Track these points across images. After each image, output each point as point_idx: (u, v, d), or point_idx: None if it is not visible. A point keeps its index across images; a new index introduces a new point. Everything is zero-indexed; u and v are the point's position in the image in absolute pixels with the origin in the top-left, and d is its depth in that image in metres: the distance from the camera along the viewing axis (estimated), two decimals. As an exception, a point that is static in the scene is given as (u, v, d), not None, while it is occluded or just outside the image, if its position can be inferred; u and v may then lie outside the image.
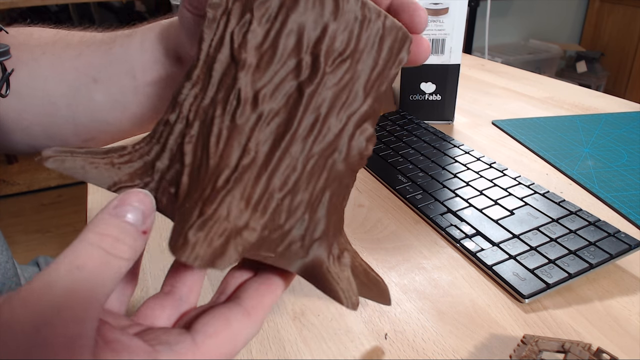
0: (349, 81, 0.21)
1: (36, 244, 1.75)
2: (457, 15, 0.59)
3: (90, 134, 0.39)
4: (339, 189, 0.23)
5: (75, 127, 0.38)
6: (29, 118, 0.38)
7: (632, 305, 0.33)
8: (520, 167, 0.53)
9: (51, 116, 0.38)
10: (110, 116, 0.38)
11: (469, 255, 0.38)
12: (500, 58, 2.57)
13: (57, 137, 0.39)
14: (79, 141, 0.40)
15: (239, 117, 0.21)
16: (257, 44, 0.21)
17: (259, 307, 0.22)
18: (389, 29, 0.22)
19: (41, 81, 0.37)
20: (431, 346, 0.30)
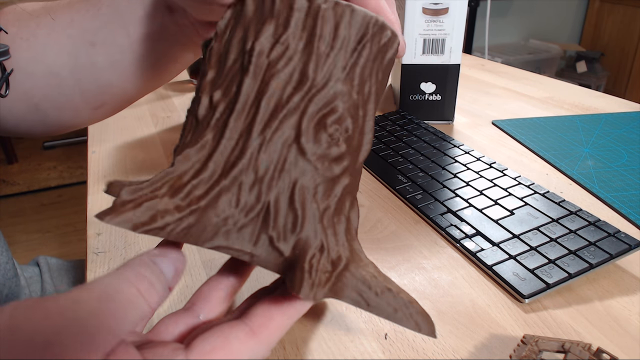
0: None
1: (36, 244, 1.75)
2: (457, 15, 0.59)
3: (98, 100, 0.39)
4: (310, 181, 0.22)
5: (83, 94, 0.39)
6: (38, 94, 0.38)
7: (632, 305, 0.33)
8: (520, 167, 0.53)
9: (58, 87, 0.38)
10: (113, 78, 0.38)
11: (469, 255, 0.38)
12: (500, 58, 2.57)
13: (67, 109, 0.39)
14: (89, 109, 0.40)
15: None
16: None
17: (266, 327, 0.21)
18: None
19: (42, 54, 0.37)
20: (431, 346, 0.30)
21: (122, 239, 0.42)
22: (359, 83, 0.24)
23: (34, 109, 0.39)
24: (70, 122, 0.41)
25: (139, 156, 0.58)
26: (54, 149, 2.56)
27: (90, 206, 0.47)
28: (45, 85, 0.38)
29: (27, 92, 0.37)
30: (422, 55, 0.61)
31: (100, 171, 0.54)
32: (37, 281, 0.51)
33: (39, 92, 0.38)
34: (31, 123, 0.40)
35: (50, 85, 0.38)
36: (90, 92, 0.38)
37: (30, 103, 0.38)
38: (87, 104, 0.39)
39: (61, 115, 0.40)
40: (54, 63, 0.37)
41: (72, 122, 0.41)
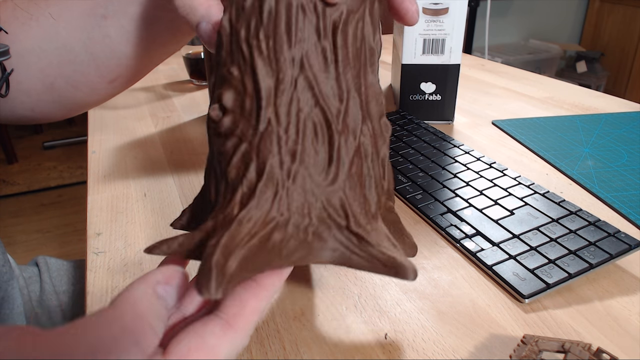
0: None
1: (36, 244, 1.75)
2: (457, 15, 0.59)
3: (113, 73, 0.40)
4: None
5: (97, 68, 0.39)
6: (52, 72, 0.38)
7: (632, 305, 0.33)
8: (520, 167, 0.53)
9: (72, 64, 0.38)
10: (127, 49, 0.38)
11: (469, 255, 0.38)
12: (500, 58, 2.57)
13: (82, 85, 0.40)
14: (105, 83, 0.40)
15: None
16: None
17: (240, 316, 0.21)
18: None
19: (55, 32, 0.37)
20: (431, 346, 0.30)
21: (122, 239, 0.42)
22: None
23: (50, 88, 0.39)
24: (86, 99, 0.41)
25: (139, 156, 0.58)
26: (54, 149, 2.56)
27: (90, 206, 0.47)
28: (60, 62, 0.38)
29: (42, 70, 0.38)
30: (422, 55, 0.61)
31: (100, 171, 0.54)
32: (36, 281, 0.51)
33: (53, 71, 0.38)
34: (47, 104, 0.40)
35: (64, 61, 0.38)
36: (105, 65, 0.39)
37: (46, 82, 0.38)
38: (102, 77, 0.39)
39: (76, 92, 0.40)
40: (67, 39, 0.37)
41: (88, 100, 0.41)
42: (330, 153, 0.23)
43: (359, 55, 0.25)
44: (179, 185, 0.51)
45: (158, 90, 0.82)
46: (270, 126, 0.23)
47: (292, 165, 0.23)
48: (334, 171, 0.23)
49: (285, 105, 0.23)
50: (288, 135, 0.23)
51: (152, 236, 0.42)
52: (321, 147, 0.23)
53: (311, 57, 0.23)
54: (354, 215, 0.24)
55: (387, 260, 0.23)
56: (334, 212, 0.23)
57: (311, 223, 0.23)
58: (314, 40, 0.23)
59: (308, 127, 0.23)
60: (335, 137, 0.23)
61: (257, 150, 0.23)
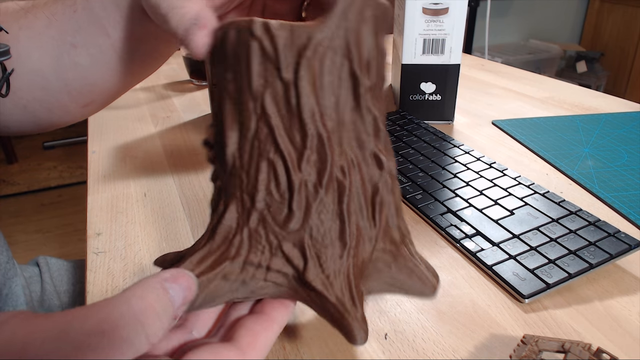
0: None
1: (36, 244, 1.75)
2: (457, 15, 0.59)
3: (86, 98, 0.39)
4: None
5: (70, 94, 0.38)
6: (25, 95, 0.38)
7: (632, 305, 0.33)
8: (520, 167, 0.53)
9: (44, 89, 0.38)
10: (98, 77, 0.38)
11: (469, 255, 0.38)
12: (500, 58, 2.57)
13: (55, 109, 0.39)
14: (79, 107, 0.40)
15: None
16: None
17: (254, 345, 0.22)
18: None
19: (26, 57, 0.37)
20: (431, 346, 0.30)
21: (122, 239, 0.42)
22: None
23: (23, 110, 0.39)
24: (60, 120, 0.41)
25: (139, 156, 0.58)
26: (53, 149, 2.56)
27: (90, 206, 0.47)
28: (32, 86, 0.37)
29: (15, 93, 0.37)
30: (422, 55, 0.61)
31: (100, 171, 0.54)
32: (37, 281, 0.51)
33: (26, 94, 0.38)
34: (21, 123, 0.40)
35: (36, 86, 0.38)
36: (77, 91, 0.38)
37: (19, 104, 0.38)
38: (75, 102, 0.39)
39: (50, 114, 0.40)
40: (38, 65, 0.37)
41: (62, 120, 0.41)
42: (290, 200, 0.24)
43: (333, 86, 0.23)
44: (179, 185, 0.51)
45: (158, 90, 0.82)
46: (234, 168, 0.24)
47: (251, 208, 0.24)
48: (292, 217, 0.24)
49: (247, 151, 0.24)
50: (249, 179, 0.24)
51: (152, 236, 0.42)
52: (277, 194, 0.24)
53: (268, 102, 0.23)
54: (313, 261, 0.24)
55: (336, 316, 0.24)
56: (294, 257, 0.24)
57: (270, 266, 0.24)
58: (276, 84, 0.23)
59: (262, 170, 0.24)
60: (294, 180, 0.23)
61: (225, 189, 0.25)
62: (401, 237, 0.26)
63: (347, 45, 0.23)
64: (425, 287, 0.27)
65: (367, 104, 0.24)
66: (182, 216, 0.45)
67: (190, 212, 0.45)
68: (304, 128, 0.23)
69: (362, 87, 0.23)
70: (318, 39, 0.22)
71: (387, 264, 0.26)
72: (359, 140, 0.24)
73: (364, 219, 0.25)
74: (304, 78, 0.22)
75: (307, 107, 0.22)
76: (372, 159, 0.24)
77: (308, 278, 0.24)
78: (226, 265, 0.24)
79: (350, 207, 0.24)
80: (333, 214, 0.24)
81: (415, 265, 0.26)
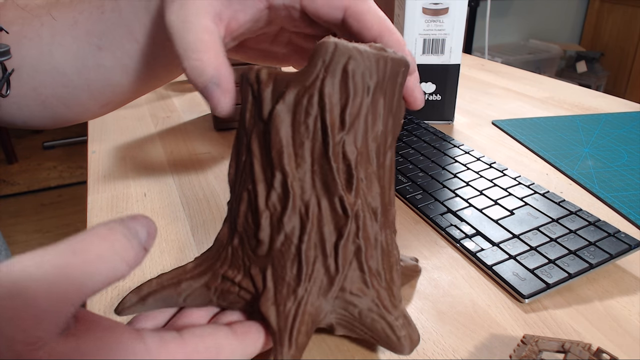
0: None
1: (36, 244, 1.75)
2: (457, 15, 0.59)
3: (106, 98, 0.39)
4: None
5: (91, 93, 0.38)
6: (45, 92, 0.38)
7: (632, 305, 0.33)
8: (520, 167, 0.53)
9: (65, 86, 0.37)
10: (123, 79, 0.37)
11: (469, 255, 0.38)
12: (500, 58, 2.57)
13: (74, 106, 0.39)
14: (97, 106, 0.40)
15: None
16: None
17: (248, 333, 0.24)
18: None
19: (48, 54, 0.36)
20: (431, 346, 0.30)
21: (122, 239, 0.42)
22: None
23: (41, 105, 0.38)
24: (77, 117, 0.41)
25: (139, 156, 0.58)
26: (53, 149, 2.56)
27: (90, 206, 0.47)
28: (53, 83, 0.37)
29: (35, 89, 0.37)
30: (422, 55, 0.61)
31: (100, 171, 0.54)
32: (37, 281, 0.51)
33: (46, 90, 0.38)
34: (39, 118, 0.40)
35: (57, 83, 0.37)
36: (98, 92, 0.38)
37: (39, 100, 0.38)
38: (94, 101, 0.39)
39: (69, 111, 0.40)
40: (60, 63, 0.37)
41: (79, 117, 0.41)
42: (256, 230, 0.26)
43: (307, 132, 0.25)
44: (179, 185, 0.51)
45: (158, 90, 0.82)
46: (233, 192, 0.28)
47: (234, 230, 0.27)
48: (259, 245, 0.26)
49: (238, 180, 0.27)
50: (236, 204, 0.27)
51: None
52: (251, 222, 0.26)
53: (253, 138, 0.26)
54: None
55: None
56: (257, 281, 0.26)
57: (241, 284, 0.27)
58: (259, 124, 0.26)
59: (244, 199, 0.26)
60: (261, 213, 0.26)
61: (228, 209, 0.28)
62: (376, 286, 0.27)
63: (321, 95, 0.24)
64: (396, 341, 0.26)
65: (339, 152, 0.25)
66: (182, 216, 0.45)
67: (190, 212, 0.45)
68: (272, 166, 0.25)
69: (330, 135, 0.24)
70: (294, 88, 0.24)
71: (354, 309, 0.26)
72: (325, 184, 0.25)
73: (327, 260, 0.26)
74: (276, 121, 0.24)
75: (276, 147, 0.25)
76: (338, 204, 0.25)
77: (261, 302, 0.25)
78: (209, 275, 0.27)
79: (309, 246, 0.25)
80: (294, 249, 0.25)
81: (384, 315, 0.26)
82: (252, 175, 0.26)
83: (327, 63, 0.23)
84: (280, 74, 0.25)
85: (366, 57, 0.24)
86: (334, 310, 0.27)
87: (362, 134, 0.25)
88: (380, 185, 0.27)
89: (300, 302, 0.25)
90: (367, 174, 0.26)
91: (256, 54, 0.36)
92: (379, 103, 0.26)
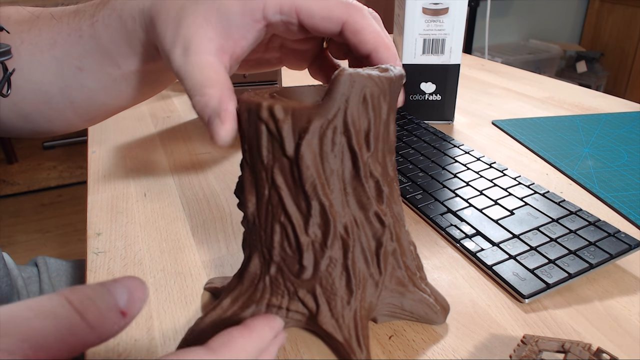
0: None
1: (36, 244, 1.75)
2: (457, 15, 0.59)
3: (90, 114, 0.39)
4: None
5: (74, 109, 0.38)
6: (27, 107, 0.37)
7: (632, 305, 0.33)
8: (520, 167, 0.53)
9: (48, 103, 0.37)
10: (107, 98, 0.37)
11: (469, 255, 0.38)
12: (500, 58, 2.57)
13: (57, 120, 0.39)
14: (82, 121, 0.39)
15: None
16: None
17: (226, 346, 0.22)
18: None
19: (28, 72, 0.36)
20: (431, 346, 0.30)
21: (122, 239, 0.42)
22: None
23: (24, 119, 0.38)
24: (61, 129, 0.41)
25: (139, 156, 0.58)
26: (53, 149, 2.56)
27: (90, 206, 0.47)
28: (35, 99, 0.37)
29: (16, 103, 0.37)
30: (422, 55, 0.61)
31: (100, 171, 0.54)
32: (35, 281, 0.51)
33: (28, 106, 0.37)
34: (22, 130, 0.39)
35: (39, 100, 0.37)
36: (83, 109, 0.38)
37: (21, 114, 0.38)
38: (79, 117, 0.39)
39: (51, 125, 0.39)
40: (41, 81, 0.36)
41: (63, 130, 0.41)
42: (300, 258, 0.27)
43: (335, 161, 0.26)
44: (179, 185, 0.51)
45: (158, 90, 0.82)
46: (254, 226, 0.28)
47: (270, 260, 0.28)
48: (303, 270, 0.27)
49: (263, 213, 0.27)
50: (266, 236, 0.28)
51: (152, 236, 0.42)
52: (289, 250, 0.27)
53: (276, 174, 0.26)
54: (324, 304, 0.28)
55: None
56: (308, 302, 0.28)
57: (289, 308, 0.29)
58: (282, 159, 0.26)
59: (276, 231, 0.27)
60: (302, 242, 0.27)
61: (249, 241, 0.29)
62: (410, 275, 0.30)
63: (345, 125, 0.25)
64: (434, 315, 0.31)
65: (368, 171, 0.27)
66: (182, 216, 0.45)
67: (190, 212, 0.45)
68: (307, 198, 0.26)
69: (360, 159, 0.26)
70: (317, 121, 0.25)
71: (397, 300, 0.30)
72: (360, 203, 0.27)
73: (370, 268, 0.28)
74: (305, 156, 0.25)
75: (309, 181, 0.25)
76: (374, 218, 0.28)
77: (320, 321, 0.28)
78: (253, 307, 0.29)
79: (355, 260, 0.27)
80: (339, 266, 0.27)
81: (423, 298, 0.30)
82: (284, 208, 0.26)
83: (347, 95, 0.25)
84: (297, 109, 0.25)
85: (379, 82, 0.25)
86: (379, 305, 0.30)
87: (381, 150, 0.27)
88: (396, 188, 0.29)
89: (356, 310, 0.28)
90: (387, 183, 0.28)
91: (251, 64, 0.36)
92: (391, 118, 0.27)
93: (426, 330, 0.31)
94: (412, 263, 0.30)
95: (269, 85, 0.61)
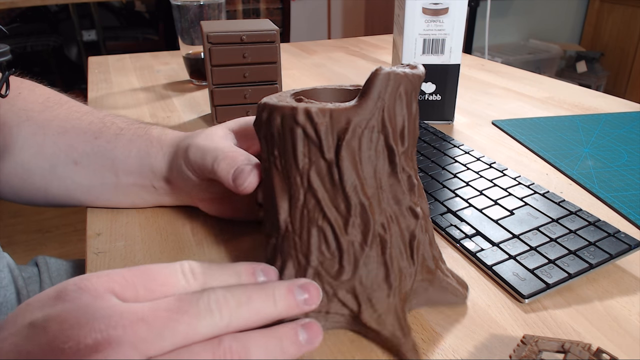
0: None
1: (36, 244, 1.75)
2: (457, 15, 0.59)
3: (60, 204, 0.39)
4: None
5: (47, 197, 0.38)
6: (0, 177, 0.37)
7: (632, 305, 0.33)
8: (520, 167, 0.53)
9: (24, 181, 0.37)
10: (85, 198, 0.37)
11: (469, 255, 0.38)
12: (500, 58, 2.57)
13: (25, 197, 0.39)
14: (44, 203, 0.40)
15: None
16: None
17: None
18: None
19: (18, 148, 0.35)
20: (431, 346, 0.30)
21: (122, 239, 0.42)
22: None
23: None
24: (22, 202, 0.41)
25: (139, 156, 0.58)
26: (54, 149, 2.55)
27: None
28: (13, 174, 0.36)
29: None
30: (422, 55, 0.61)
31: (100, 171, 0.54)
32: (35, 281, 0.51)
33: (1, 176, 0.37)
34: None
35: (18, 176, 0.37)
36: (55, 199, 0.38)
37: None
38: (47, 203, 0.39)
39: (16, 197, 0.39)
40: (30, 160, 0.36)
41: (24, 203, 0.41)
42: (340, 258, 0.28)
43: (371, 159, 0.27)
44: (179, 185, 0.50)
45: (158, 90, 0.82)
46: (287, 232, 0.28)
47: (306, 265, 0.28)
48: (343, 271, 0.28)
49: (298, 218, 0.27)
50: (302, 242, 0.28)
51: (152, 236, 0.42)
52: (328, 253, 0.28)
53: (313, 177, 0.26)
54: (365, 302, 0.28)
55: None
56: (349, 302, 0.28)
57: (329, 311, 0.29)
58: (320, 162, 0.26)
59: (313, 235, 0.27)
60: (343, 242, 0.27)
61: (280, 249, 0.29)
62: (435, 263, 0.31)
63: (383, 123, 0.26)
64: (457, 298, 0.32)
65: (402, 166, 0.27)
66: (182, 216, 0.45)
67: (191, 212, 0.45)
68: (347, 199, 0.26)
69: (397, 155, 0.27)
70: (356, 122, 0.25)
71: (425, 288, 0.31)
72: (395, 198, 0.28)
73: (404, 260, 0.29)
74: (345, 158, 0.25)
75: (349, 182, 0.26)
76: (408, 211, 0.28)
77: (364, 319, 0.28)
78: None
79: (392, 255, 0.28)
80: (378, 263, 0.28)
81: (448, 283, 0.31)
82: (322, 211, 0.27)
83: (384, 93, 0.25)
84: (335, 111, 0.25)
85: (412, 79, 0.26)
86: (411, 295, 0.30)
87: (411, 145, 0.28)
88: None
89: (396, 305, 0.28)
90: (415, 174, 0.29)
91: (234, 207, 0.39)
92: (417, 113, 0.28)
93: (426, 330, 0.31)
94: (437, 252, 0.32)
95: (269, 85, 0.61)
